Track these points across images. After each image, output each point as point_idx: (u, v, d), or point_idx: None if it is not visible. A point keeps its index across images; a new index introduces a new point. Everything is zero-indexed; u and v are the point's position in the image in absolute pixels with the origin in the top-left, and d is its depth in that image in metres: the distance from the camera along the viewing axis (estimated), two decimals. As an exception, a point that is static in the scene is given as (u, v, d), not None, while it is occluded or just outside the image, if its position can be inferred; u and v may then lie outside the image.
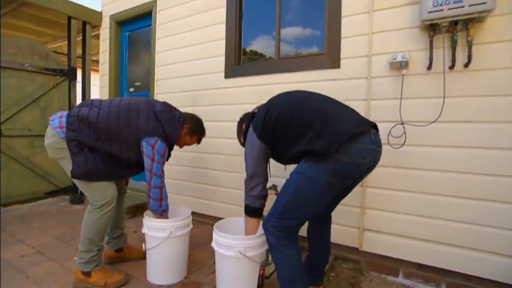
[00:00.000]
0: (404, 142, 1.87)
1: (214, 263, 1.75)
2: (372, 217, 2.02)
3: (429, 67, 1.80)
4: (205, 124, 2.79)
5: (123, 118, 1.69)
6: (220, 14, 2.69)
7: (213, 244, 1.57)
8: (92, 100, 1.82)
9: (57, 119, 1.69)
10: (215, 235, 1.55)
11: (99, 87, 3.82)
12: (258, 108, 1.58)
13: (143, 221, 1.81)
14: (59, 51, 5.21)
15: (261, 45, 2.63)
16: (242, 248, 1.43)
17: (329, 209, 1.59)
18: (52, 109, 3.36)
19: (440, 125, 1.78)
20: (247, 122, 1.57)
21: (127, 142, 1.70)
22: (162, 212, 1.76)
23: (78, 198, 3.49)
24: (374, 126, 1.37)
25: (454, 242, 1.77)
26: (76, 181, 1.69)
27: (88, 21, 3.63)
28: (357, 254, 2.09)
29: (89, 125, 1.65)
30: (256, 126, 1.44)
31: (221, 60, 2.67)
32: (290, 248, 1.26)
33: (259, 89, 2.47)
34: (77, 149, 1.64)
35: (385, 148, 1.94)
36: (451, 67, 1.74)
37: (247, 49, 2.68)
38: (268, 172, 1.57)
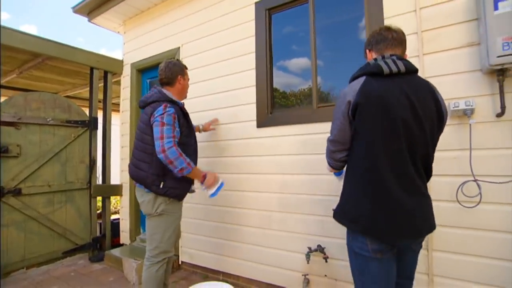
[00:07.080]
0: (480, 200, 1.61)
1: None
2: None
3: (500, 114, 1.59)
4: (235, 176, 2.62)
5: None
6: (249, 60, 2.58)
7: None
8: None
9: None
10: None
11: (119, 134, 3.71)
12: (386, 61, 1.15)
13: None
14: (78, 96, 5.25)
15: (295, 90, 2.48)
16: None
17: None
18: (73, 162, 3.22)
19: (523, 181, 1.53)
20: (369, 68, 1.18)
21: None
22: (179, 172, 1.75)
23: (97, 255, 3.25)
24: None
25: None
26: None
27: (110, 70, 3.61)
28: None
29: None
30: (362, 92, 1.11)
31: (252, 108, 2.52)
32: None
33: (296, 140, 2.28)
34: (156, 178, 1.83)
35: (451, 206, 1.69)
36: (527, 114, 1.54)
37: (281, 95, 2.53)
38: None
